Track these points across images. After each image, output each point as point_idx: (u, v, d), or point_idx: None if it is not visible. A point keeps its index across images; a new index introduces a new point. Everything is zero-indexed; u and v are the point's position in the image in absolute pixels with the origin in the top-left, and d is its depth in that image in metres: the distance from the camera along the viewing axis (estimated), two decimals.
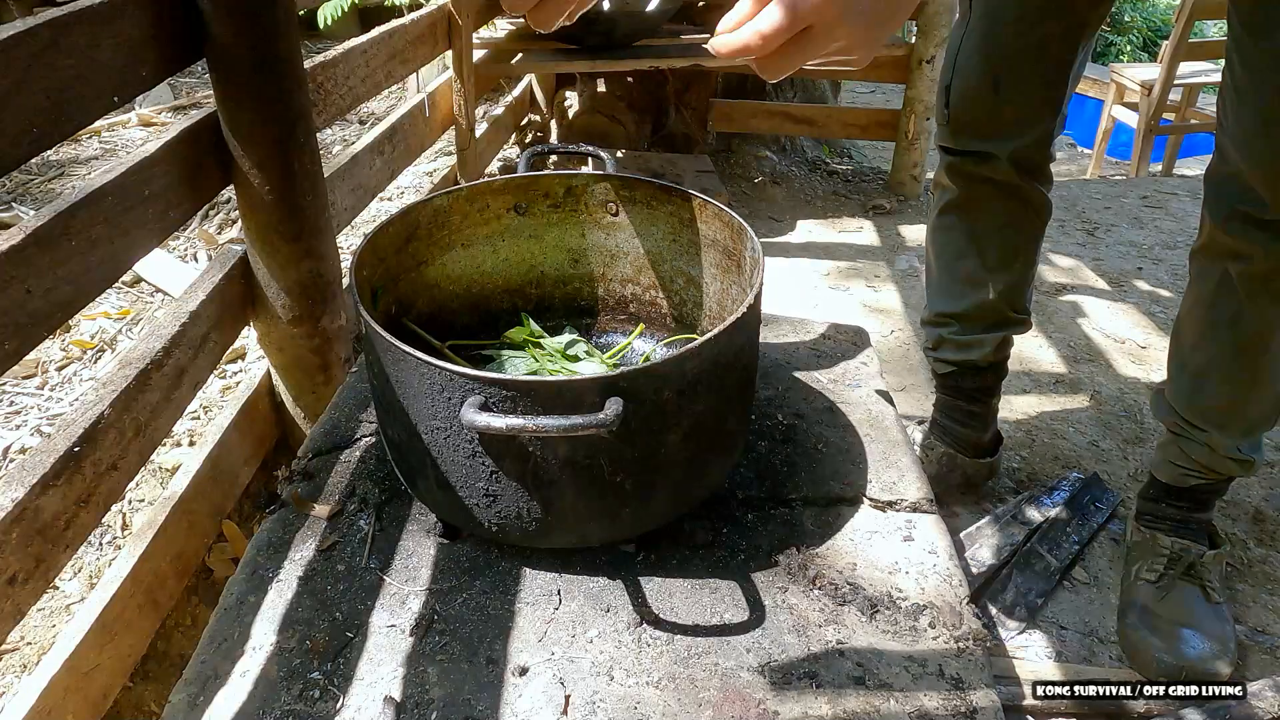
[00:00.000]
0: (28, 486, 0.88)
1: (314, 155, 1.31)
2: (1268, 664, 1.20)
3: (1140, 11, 8.79)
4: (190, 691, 0.76)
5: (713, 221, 1.03)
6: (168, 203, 1.11)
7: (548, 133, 3.13)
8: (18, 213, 2.38)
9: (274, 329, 1.39)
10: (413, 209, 0.98)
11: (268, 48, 1.16)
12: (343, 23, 2.94)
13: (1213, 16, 4.30)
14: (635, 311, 1.15)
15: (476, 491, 0.78)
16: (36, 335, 0.90)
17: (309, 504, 0.94)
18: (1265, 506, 1.52)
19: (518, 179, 1.06)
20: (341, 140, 3.16)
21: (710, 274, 1.06)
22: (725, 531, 0.92)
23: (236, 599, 0.83)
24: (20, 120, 0.85)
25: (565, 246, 1.12)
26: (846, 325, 1.33)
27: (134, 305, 2.02)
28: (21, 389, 1.73)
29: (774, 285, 2.30)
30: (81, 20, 0.91)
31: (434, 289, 1.05)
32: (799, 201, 2.92)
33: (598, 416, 0.68)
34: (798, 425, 1.08)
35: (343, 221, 1.61)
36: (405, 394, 0.78)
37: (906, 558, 0.91)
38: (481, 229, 1.07)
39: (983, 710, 0.76)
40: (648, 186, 1.06)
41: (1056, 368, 1.93)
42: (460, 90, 2.33)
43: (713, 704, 0.74)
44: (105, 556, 1.38)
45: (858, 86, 4.72)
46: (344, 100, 1.61)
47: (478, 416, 0.68)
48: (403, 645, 0.78)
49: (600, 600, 0.83)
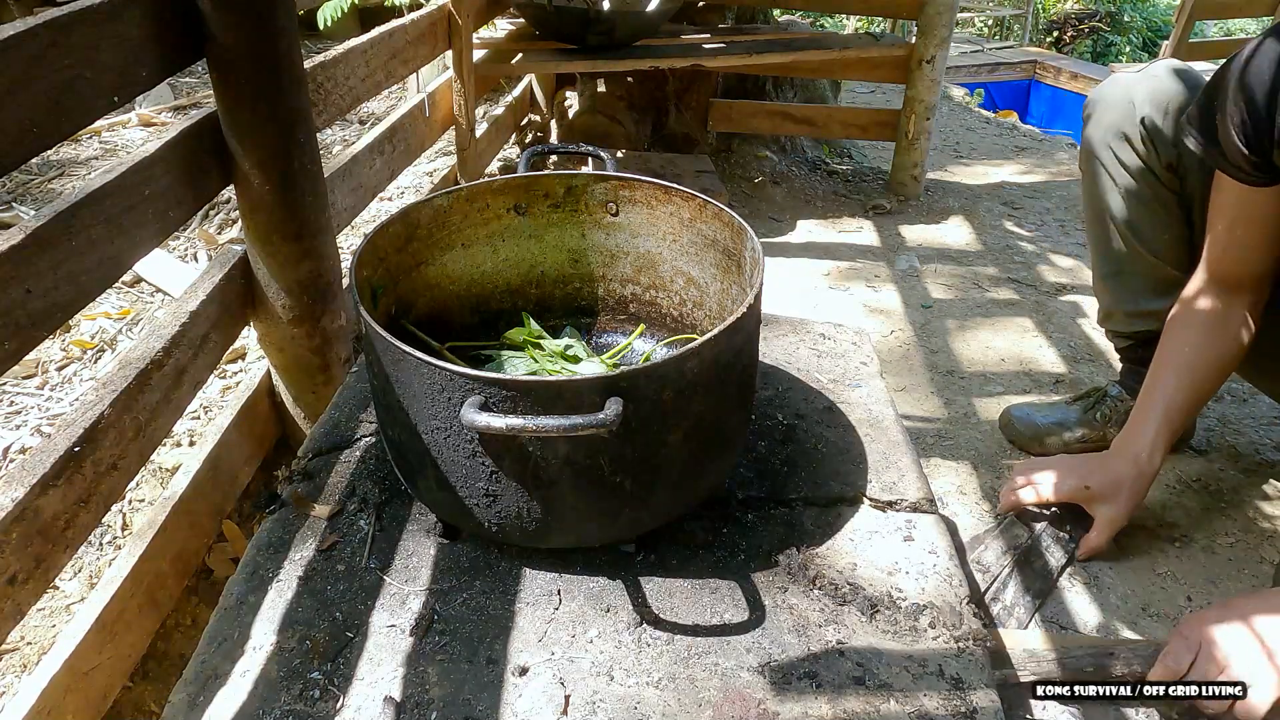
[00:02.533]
0: (28, 486, 0.88)
1: (314, 155, 1.31)
2: None
3: (1140, 11, 8.80)
4: (190, 691, 0.76)
5: (712, 221, 1.03)
6: (168, 203, 1.11)
7: (548, 133, 3.13)
8: (18, 213, 2.38)
9: (274, 329, 1.39)
10: (412, 209, 0.98)
11: (268, 48, 1.16)
12: (343, 23, 2.94)
13: (1213, 16, 4.31)
14: (635, 311, 1.15)
15: (476, 491, 0.78)
16: (37, 335, 0.90)
17: (309, 504, 0.94)
18: (1265, 506, 1.52)
19: (518, 179, 1.06)
20: (341, 140, 3.16)
21: (710, 274, 1.06)
22: (725, 531, 0.92)
23: (236, 599, 0.83)
24: (20, 120, 0.85)
25: (565, 246, 1.12)
26: (847, 325, 1.33)
27: (134, 305, 2.02)
28: (22, 389, 1.73)
29: (774, 285, 2.30)
30: (82, 20, 0.91)
31: (434, 289, 1.05)
32: (799, 201, 2.92)
33: (598, 416, 0.68)
34: (798, 425, 1.08)
35: (343, 221, 1.61)
36: (405, 394, 0.78)
37: (907, 558, 0.91)
38: (481, 229, 1.07)
39: (983, 710, 0.76)
40: (648, 186, 1.06)
41: (1057, 367, 1.93)
42: (460, 90, 2.33)
43: (713, 704, 0.74)
44: (105, 556, 1.38)
45: (858, 87, 4.72)
46: (344, 100, 1.61)
47: (478, 416, 0.68)
48: (403, 645, 0.78)
49: (600, 600, 0.83)
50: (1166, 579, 1.35)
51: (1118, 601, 1.30)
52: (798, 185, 3.00)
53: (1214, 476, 1.57)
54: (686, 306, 1.10)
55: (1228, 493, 1.54)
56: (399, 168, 2.01)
